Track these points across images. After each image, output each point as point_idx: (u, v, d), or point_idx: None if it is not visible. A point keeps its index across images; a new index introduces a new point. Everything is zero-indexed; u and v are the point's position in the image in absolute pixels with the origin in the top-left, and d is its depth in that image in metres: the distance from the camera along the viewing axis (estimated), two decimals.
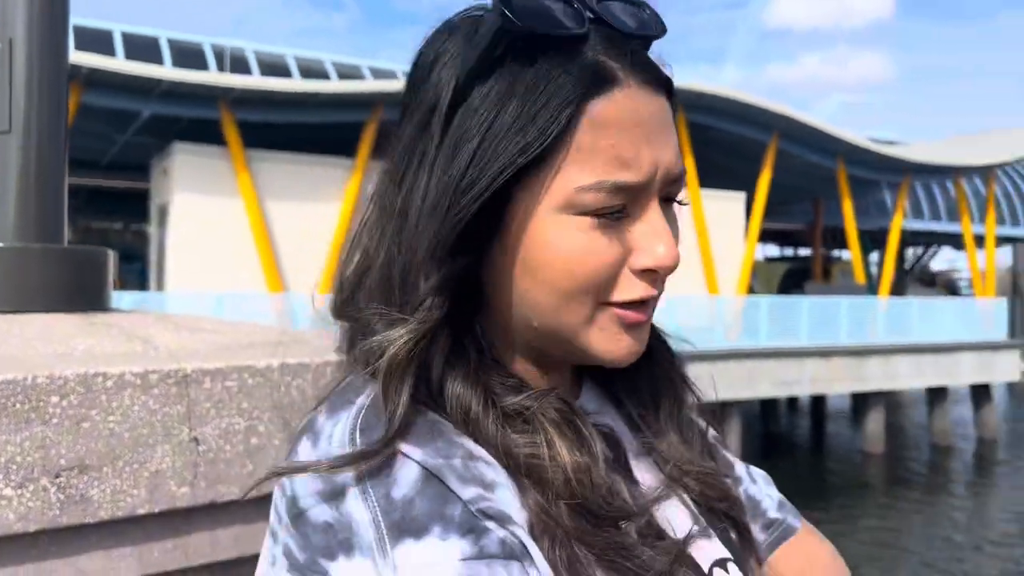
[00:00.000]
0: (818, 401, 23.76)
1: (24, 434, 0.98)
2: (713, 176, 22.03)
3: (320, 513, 0.53)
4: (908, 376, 19.85)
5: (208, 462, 1.14)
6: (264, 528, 1.23)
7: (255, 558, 1.22)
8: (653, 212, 0.61)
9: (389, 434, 0.53)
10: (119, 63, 16.15)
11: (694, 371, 0.84)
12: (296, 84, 17.87)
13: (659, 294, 0.63)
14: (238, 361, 1.18)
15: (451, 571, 0.49)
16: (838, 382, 18.75)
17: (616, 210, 0.59)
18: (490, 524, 0.51)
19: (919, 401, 23.96)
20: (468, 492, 0.52)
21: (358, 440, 0.54)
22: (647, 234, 0.60)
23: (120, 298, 9.28)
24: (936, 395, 20.60)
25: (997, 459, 19.79)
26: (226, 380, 1.16)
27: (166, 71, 16.50)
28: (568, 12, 0.57)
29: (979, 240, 29.15)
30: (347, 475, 0.52)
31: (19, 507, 0.98)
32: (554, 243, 0.58)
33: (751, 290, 22.63)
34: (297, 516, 0.54)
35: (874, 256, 32.51)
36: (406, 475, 0.52)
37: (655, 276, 0.61)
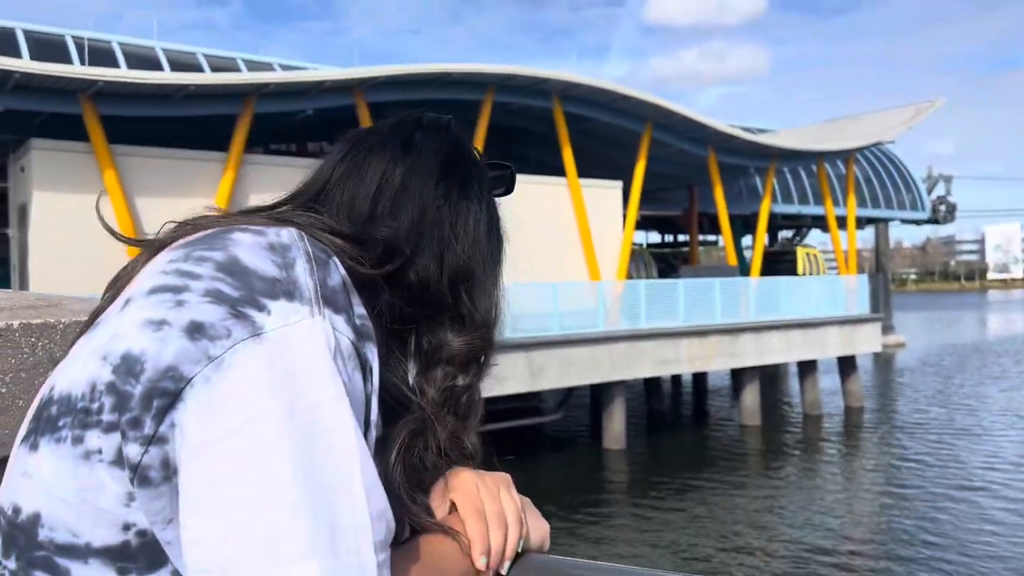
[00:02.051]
0: (699, 378, 24.69)
1: None
2: (590, 166, 22.51)
3: (268, 270, 0.70)
4: (779, 351, 20.87)
5: None
6: None
7: None
8: None
9: (331, 252, 0.77)
10: None
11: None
12: (162, 76, 17.21)
13: None
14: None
15: (347, 342, 0.72)
16: (714, 359, 19.54)
17: None
18: (363, 340, 0.74)
19: (791, 374, 25.22)
20: (360, 311, 0.75)
21: (307, 240, 0.75)
22: None
23: None
24: (806, 368, 21.76)
25: (863, 425, 21.07)
26: None
27: (19, 62, 15.59)
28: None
29: (843, 222, 30.84)
30: (297, 255, 0.73)
31: None
32: None
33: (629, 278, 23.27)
34: (237, 270, 0.70)
35: (749, 239, 33.93)
36: (335, 276, 0.74)
37: None
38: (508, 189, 1.00)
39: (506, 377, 15.69)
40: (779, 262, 34.42)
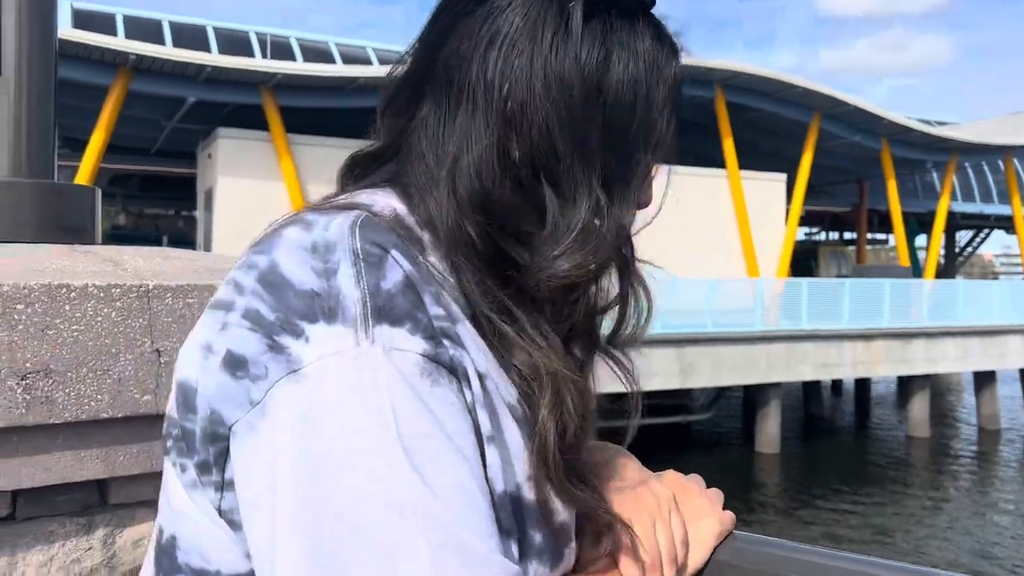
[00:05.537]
0: (862, 384, 23.42)
1: None
2: (753, 158, 21.76)
3: (307, 281, 0.59)
4: (954, 359, 19.46)
5: (170, 373, 1.21)
6: None
7: None
8: None
9: (391, 242, 0.61)
10: (165, 50, 16.50)
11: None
12: (335, 69, 18.08)
13: None
14: (200, 281, 1.26)
15: (413, 359, 0.58)
16: (880, 365, 18.45)
17: None
18: (446, 341, 0.60)
19: (967, 385, 23.49)
20: (435, 310, 0.61)
21: (357, 234, 0.61)
22: None
23: None
24: (983, 379, 20.20)
25: None
26: (187, 297, 1.24)
27: (209, 57, 16.81)
28: None
29: None
30: (342, 256, 0.59)
31: None
32: None
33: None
34: (275, 282, 0.60)
35: (923, 240, 31.85)
36: (393, 276, 0.60)
37: None
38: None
39: (654, 373, 15.47)
40: None
